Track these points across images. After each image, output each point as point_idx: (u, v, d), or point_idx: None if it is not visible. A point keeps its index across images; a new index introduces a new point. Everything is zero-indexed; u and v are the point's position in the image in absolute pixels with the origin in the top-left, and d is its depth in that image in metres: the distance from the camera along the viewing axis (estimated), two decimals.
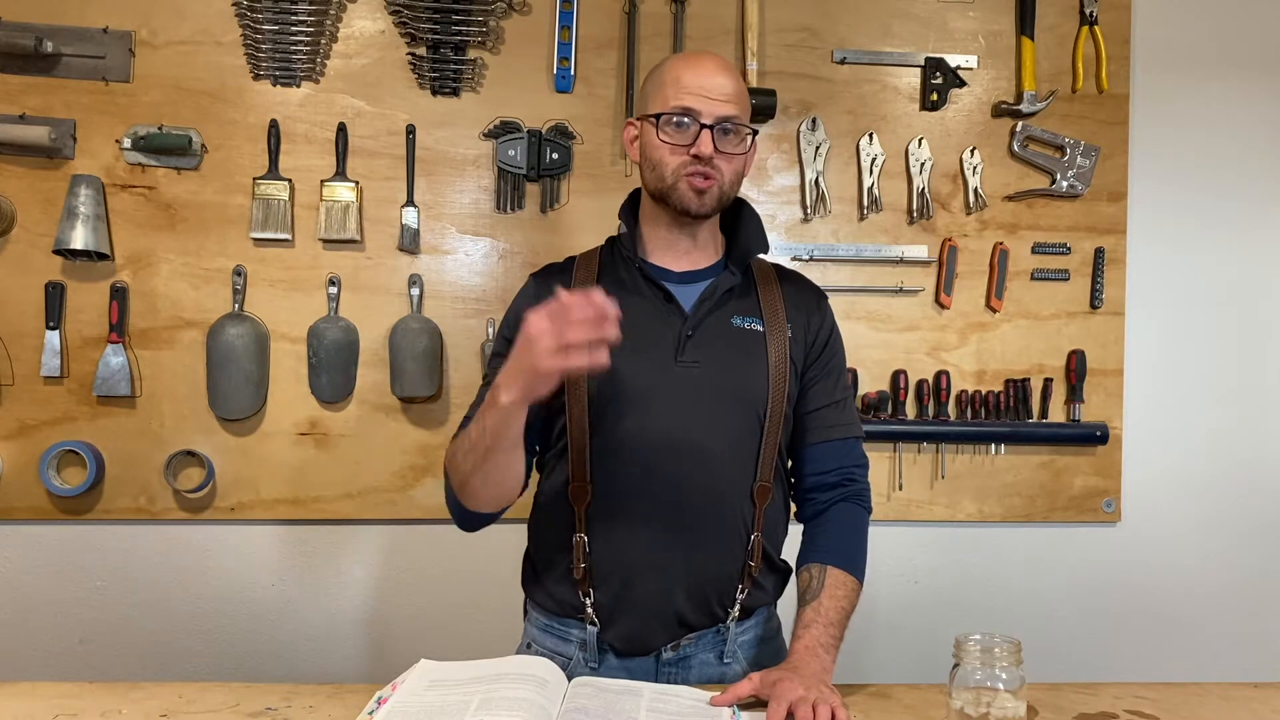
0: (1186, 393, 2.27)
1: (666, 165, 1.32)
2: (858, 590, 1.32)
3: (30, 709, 1.18)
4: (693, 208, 1.32)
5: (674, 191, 1.32)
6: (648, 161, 1.35)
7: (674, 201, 1.33)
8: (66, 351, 2.01)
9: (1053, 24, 2.22)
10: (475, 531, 1.38)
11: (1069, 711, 1.21)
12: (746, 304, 1.39)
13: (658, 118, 1.32)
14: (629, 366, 1.31)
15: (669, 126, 1.31)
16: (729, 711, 1.14)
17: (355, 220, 2.06)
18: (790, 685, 1.13)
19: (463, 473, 1.28)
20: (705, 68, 1.32)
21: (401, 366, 2.05)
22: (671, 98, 1.31)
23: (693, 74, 1.31)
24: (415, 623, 2.13)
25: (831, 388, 1.41)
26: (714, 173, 1.31)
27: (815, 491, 1.40)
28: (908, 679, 1.34)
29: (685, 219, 1.35)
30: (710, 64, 1.33)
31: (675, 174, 1.31)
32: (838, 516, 1.38)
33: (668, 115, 1.31)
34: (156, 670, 2.06)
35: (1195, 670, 2.24)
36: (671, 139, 1.31)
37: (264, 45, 2.04)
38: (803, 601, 1.30)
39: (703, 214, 1.34)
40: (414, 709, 1.11)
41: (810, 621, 1.27)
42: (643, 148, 1.36)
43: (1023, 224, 2.21)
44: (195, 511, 2.05)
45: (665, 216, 1.37)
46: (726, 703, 1.16)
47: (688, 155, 1.30)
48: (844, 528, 1.38)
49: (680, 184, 1.31)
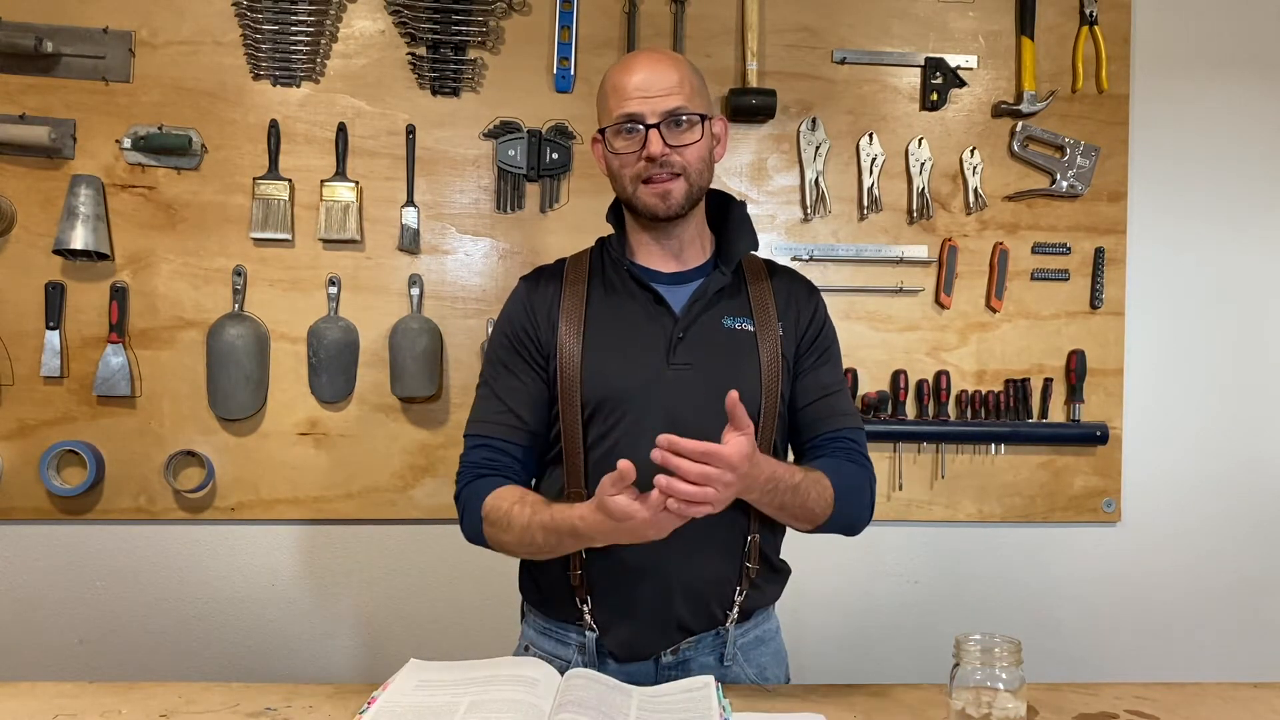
0: (1186, 393, 2.27)
1: (624, 175, 1.32)
2: (826, 501, 1.28)
3: (30, 709, 1.18)
4: (660, 212, 1.31)
5: (637, 200, 1.32)
6: (611, 174, 1.35)
7: (640, 211, 1.33)
8: (66, 351, 2.01)
9: (1053, 24, 2.22)
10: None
11: (1069, 711, 1.21)
12: (737, 303, 1.38)
13: (604, 131, 1.32)
14: (620, 370, 1.31)
15: (618, 138, 1.30)
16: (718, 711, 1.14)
17: (355, 220, 2.06)
18: (740, 447, 1.11)
19: (508, 547, 1.30)
20: (640, 67, 1.30)
21: (401, 366, 2.05)
22: (615, 108, 1.30)
23: (629, 77, 1.29)
24: (415, 623, 2.13)
25: (824, 379, 1.39)
26: (675, 168, 1.29)
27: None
28: (908, 679, 1.34)
29: (660, 223, 1.34)
30: (644, 61, 1.31)
31: (634, 182, 1.31)
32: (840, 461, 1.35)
33: (614, 127, 1.30)
34: (156, 670, 2.06)
35: (1195, 670, 2.24)
36: (623, 148, 1.30)
37: (264, 45, 2.04)
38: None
39: (672, 215, 1.32)
40: (402, 709, 1.11)
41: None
42: (606, 161, 1.36)
43: (1023, 224, 2.21)
44: (195, 511, 2.05)
45: (642, 223, 1.36)
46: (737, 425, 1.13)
47: (642, 161, 1.29)
48: (842, 465, 1.34)
49: (640, 192, 1.31)
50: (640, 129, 1.28)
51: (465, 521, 1.34)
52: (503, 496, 1.29)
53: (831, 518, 1.30)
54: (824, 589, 2.20)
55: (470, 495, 1.33)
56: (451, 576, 2.12)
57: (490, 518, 1.29)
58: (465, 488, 1.35)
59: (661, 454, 1.08)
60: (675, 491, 1.08)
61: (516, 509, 1.26)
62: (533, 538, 1.24)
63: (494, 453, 1.35)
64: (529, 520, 1.24)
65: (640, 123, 1.28)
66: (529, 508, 1.25)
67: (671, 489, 1.08)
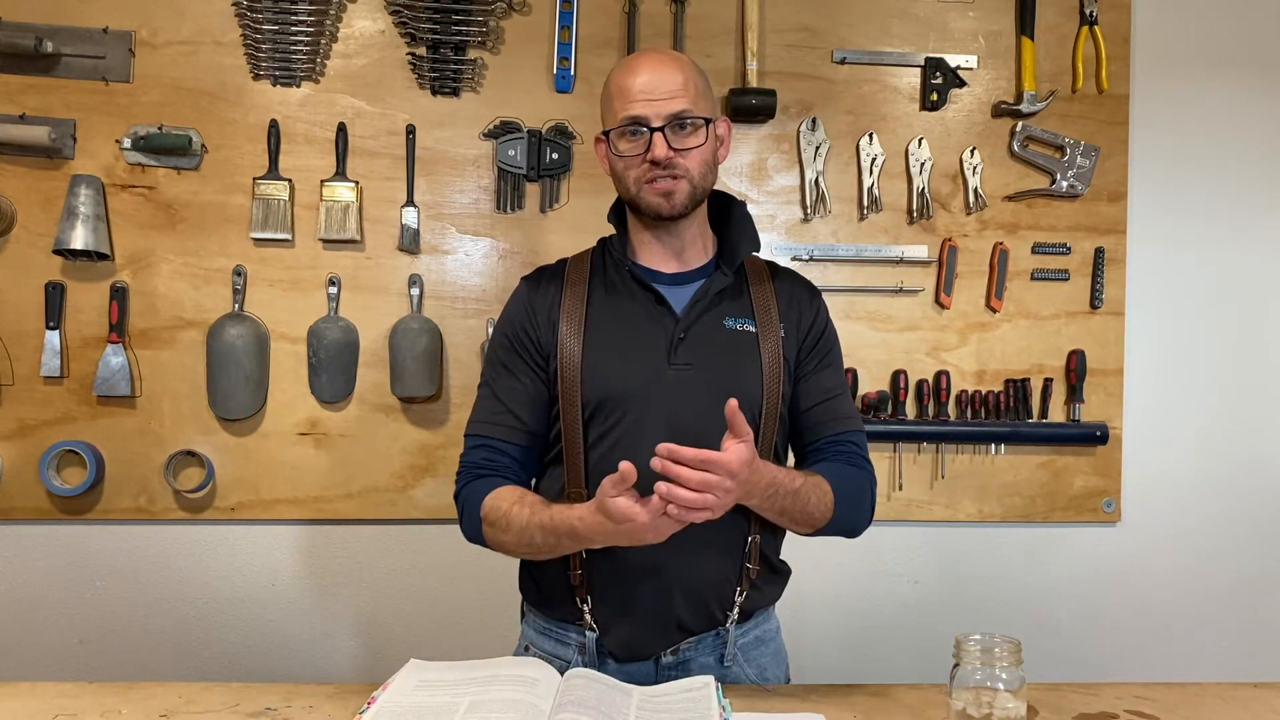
0: (1186, 393, 2.27)
1: (628, 177, 1.31)
2: (826, 505, 1.28)
3: (30, 709, 1.18)
4: (663, 212, 1.31)
5: (640, 200, 1.32)
6: (614, 175, 1.35)
7: (644, 210, 1.32)
8: (66, 351, 2.01)
9: (1053, 24, 2.22)
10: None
11: (1069, 711, 1.21)
12: (739, 304, 1.37)
13: (609, 133, 1.32)
14: (621, 371, 1.31)
15: (622, 140, 1.30)
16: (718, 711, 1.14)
17: (355, 220, 2.06)
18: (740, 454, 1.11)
19: (506, 547, 1.30)
20: (645, 69, 1.29)
21: (401, 366, 2.05)
22: (619, 109, 1.29)
23: (633, 79, 1.29)
24: (415, 623, 2.13)
25: (826, 382, 1.39)
26: (679, 171, 1.29)
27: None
28: (908, 679, 1.34)
29: (663, 222, 1.34)
30: (649, 63, 1.30)
31: (637, 184, 1.31)
32: (840, 465, 1.35)
33: (619, 129, 1.30)
34: (156, 670, 2.06)
35: (1195, 670, 2.24)
36: (627, 151, 1.30)
37: (264, 45, 2.04)
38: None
39: (675, 215, 1.32)
40: (402, 709, 1.11)
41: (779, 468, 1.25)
42: (609, 163, 1.35)
43: (1023, 224, 2.21)
44: (195, 511, 2.05)
45: (645, 222, 1.36)
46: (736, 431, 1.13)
47: (646, 163, 1.29)
48: (842, 468, 1.34)
49: (644, 192, 1.31)
50: (644, 131, 1.28)
51: (464, 521, 1.35)
52: (502, 497, 1.29)
53: (832, 521, 1.30)
54: (824, 589, 2.20)
55: (469, 495, 1.33)
56: (451, 576, 2.12)
57: (489, 518, 1.29)
58: (464, 487, 1.35)
59: (661, 462, 1.08)
60: (676, 498, 1.09)
61: (515, 509, 1.26)
62: (531, 538, 1.25)
63: (493, 453, 1.35)
64: (528, 520, 1.24)
65: (645, 126, 1.27)
66: (528, 508, 1.25)
67: (672, 496, 1.08)
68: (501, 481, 1.33)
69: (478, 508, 1.30)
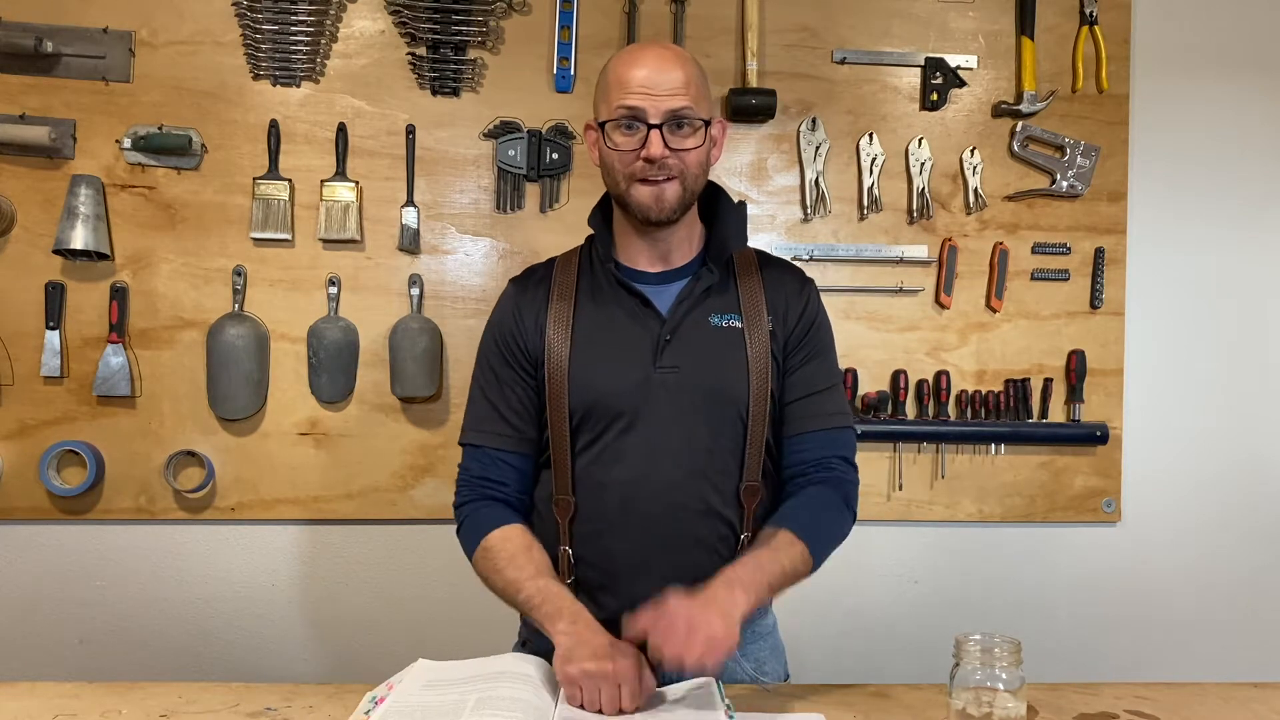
0: (1186, 392, 2.27)
1: (619, 171, 1.28)
2: (806, 560, 1.25)
3: (30, 709, 1.18)
4: (652, 214, 1.28)
5: (630, 197, 1.28)
6: (604, 167, 1.31)
7: (633, 210, 1.29)
8: (66, 351, 2.01)
9: (1053, 24, 2.22)
10: None
11: (1069, 711, 1.21)
12: (725, 300, 1.34)
13: (604, 124, 1.28)
14: (607, 375, 1.30)
15: (617, 132, 1.26)
16: (723, 710, 1.14)
17: (355, 220, 2.06)
18: (676, 606, 1.10)
19: (487, 583, 1.31)
20: (647, 62, 1.25)
21: (401, 366, 2.05)
22: (616, 100, 1.25)
23: (634, 70, 1.25)
24: (415, 623, 2.13)
25: (812, 376, 1.35)
26: (672, 171, 1.26)
27: (791, 483, 1.35)
28: (908, 679, 1.34)
29: (650, 227, 1.31)
30: (652, 56, 1.26)
31: (629, 179, 1.27)
32: (807, 493, 1.32)
33: (614, 121, 1.26)
34: (156, 670, 2.06)
35: (1195, 670, 2.23)
36: (621, 144, 1.26)
37: (264, 45, 2.04)
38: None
39: (664, 219, 1.29)
40: (410, 709, 1.11)
41: (740, 562, 1.22)
42: (600, 153, 1.32)
43: (1023, 224, 2.21)
44: (195, 511, 2.05)
45: (632, 221, 1.33)
46: (632, 638, 1.15)
47: (640, 159, 1.25)
48: (809, 500, 1.31)
49: (634, 189, 1.27)
50: (641, 126, 1.25)
51: (463, 538, 1.35)
52: (509, 539, 1.29)
53: (815, 564, 1.29)
54: (824, 589, 2.19)
55: (474, 522, 1.33)
56: (451, 576, 2.12)
57: (489, 555, 1.29)
58: (467, 505, 1.35)
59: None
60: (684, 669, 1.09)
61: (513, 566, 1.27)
62: (512, 598, 1.27)
63: (491, 464, 1.35)
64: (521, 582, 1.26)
65: (642, 120, 1.25)
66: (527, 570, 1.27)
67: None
68: (507, 511, 1.33)
69: (479, 538, 1.31)
